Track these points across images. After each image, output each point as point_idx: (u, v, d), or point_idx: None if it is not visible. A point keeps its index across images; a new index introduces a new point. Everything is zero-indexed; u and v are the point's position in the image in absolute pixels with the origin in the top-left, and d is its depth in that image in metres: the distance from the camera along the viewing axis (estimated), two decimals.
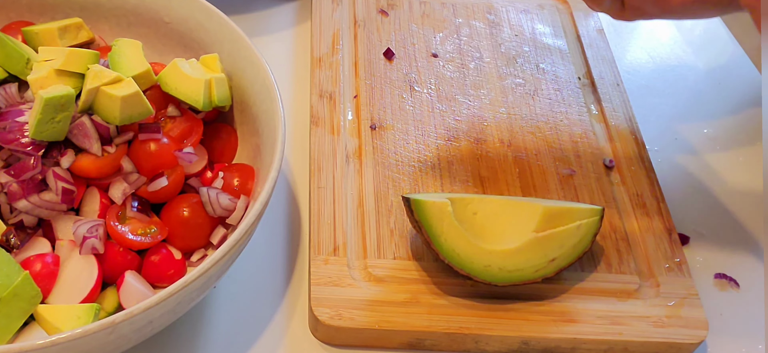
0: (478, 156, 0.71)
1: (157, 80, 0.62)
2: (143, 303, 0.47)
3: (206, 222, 0.59)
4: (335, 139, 0.70)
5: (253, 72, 0.63)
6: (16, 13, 0.68)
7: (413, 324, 0.58)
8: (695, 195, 0.75)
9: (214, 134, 0.65)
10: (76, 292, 0.53)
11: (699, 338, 0.59)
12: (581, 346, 0.59)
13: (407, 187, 0.67)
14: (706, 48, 0.94)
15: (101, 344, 0.47)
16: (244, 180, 0.61)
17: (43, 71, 0.57)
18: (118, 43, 0.62)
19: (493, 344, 0.59)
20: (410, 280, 0.60)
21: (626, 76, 0.85)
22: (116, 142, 0.58)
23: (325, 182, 0.66)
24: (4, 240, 0.54)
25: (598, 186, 0.70)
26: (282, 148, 0.57)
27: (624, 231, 0.67)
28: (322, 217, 0.63)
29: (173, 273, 0.57)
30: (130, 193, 0.58)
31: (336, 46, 0.79)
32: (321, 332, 0.58)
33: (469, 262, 0.58)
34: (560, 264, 0.59)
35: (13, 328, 0.51)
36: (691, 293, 0.62)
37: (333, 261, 0.60)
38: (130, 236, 0.56)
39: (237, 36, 0.64)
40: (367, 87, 0.76)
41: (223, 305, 0.60)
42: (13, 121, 0.56)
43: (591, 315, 0.60)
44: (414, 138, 0.72)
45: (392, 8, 0.86)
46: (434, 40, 0.83)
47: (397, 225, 0.64)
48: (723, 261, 0.69)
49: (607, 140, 0.75)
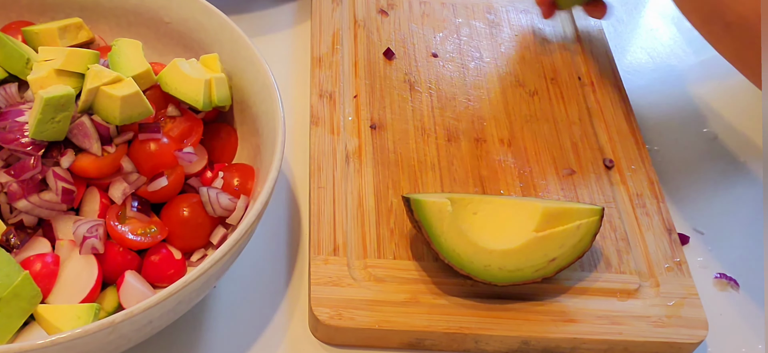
0: (478, 156, 0.71)
1: (157, 80, 0.62)
2: (143, 303, 0.47)
3: (206, 222, 0.59)
4: (335, 139, 0.70)
5: (253, 72, 0.63)
6: (16, 13, 0.68)
7: (413, 324, 0.58)
8: (695, 195, 0.75)
9: (214, 134, 0.65)
10: (76, 292, 0.53)
11: (699, 338, 0.59)
12: (581, 346, 0.59)
13: (407, 187, 0.67)
14: (706, 48, 0.94)
15: (101, 344, 0.47)
16: (244, 180, 0.61)
17: (43, 71, 0.57)
18: (118, 43, 0.62)
19: (493, 344, 0.59)
20: (410, 280, 0.60)
21: (626, 76, 0.85)
22: (116, 142, 0.58)
23: (325, 182, 0.66)
24: (4, 240, 0.54)
25: (598, 186, 0.70)
26: (282, 148, 0.57)
27: (624, 231, 0.67)
28: (322, 217, 0.63)
29: (173, 273, 0.57)
30: (130, 193, 0.58)
31: (336, 46, 0.79)
32: (321, 332, 0.58)
33: (469, 262, 0.58)
34: (560, 264, 0.59)
35: (13, 328, 0.51)
36: (691, 293, 0.62)
37: (333, 261, 0.60)
38: (130, 236, 0.56)
39: (237, 36, 0.64)
40: (367, 87, 0.76)
41: (223, 305, 0.60)
42: (13, 121, 0.56)
43: (591, 314, 0.60)
44: (414, 138, 0.72)
45: (392, 8, 0.86)
46: (434, 40, 0.83)
47: (397, 225, 0.64)
48: (723, 261, 0.69)
49: (607, 140, 0.75)
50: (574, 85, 0.80)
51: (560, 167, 0.71)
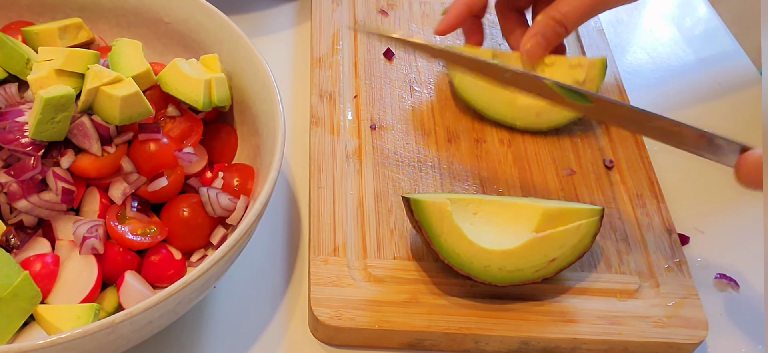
0: (478, 156, 0.71)
1: (157, 80, 0.62)
2: (143, 303, 0.47)
3: (206, 222, 0.59)
4: (335, 139, 0.70)
5: (253, 72, 0.63)
6: (16, 13, 0.68)
7: (413, 324, 0.58)
8: (695, 195, 0.75)
9: (214, 134, 0.65)
10: (76, 292, 0.53)
11: (699, 338, 0.59)
12: (581, 346, 0.59)
13: (407, 187, 0.67)
14: (706, 48, 0.94)
15: (101, 344, 0.47)
16: (244, 181, 0.61)
17: (43, 71, 0.57)
18: (118, 43, 0.62)
19: (493, 344, 0.59)
20: (410, 280, 0.60)
21: (626, 76, 0.85)
22: (116, 142, 0.58)
23: (324, 182, 0.66)
24: (4, 240, 0.54)
25: (598, 186, 0.70)
26: (282, 148, 0.57)
27: (624, 231, 0.67)
28: (322, 217, 0.63)
29: (173, 273, 0.57)
30: (130, 193, 0.58)
31: (336, 46, 0.79)
32: (321, 332, 0.58)
33: (468, 262, 0.58)
34: (560, 265, 0.59)
35: (13, 328, 0.51)
36: (691, 293, 0.62)
37: (333, 261, 0.60)
38: (130, 236, 0.56)
39: (237, 36, 0.64)
40: (367, 87, 0.76)
41: (223, 305, 0.60)
42: (13, 121, 0.56)
43: (591, 315, 0.60)
44: (414, 138, 0.72)
45: (392, 8, 0.86)
46: (434, 40, 0.83)
47: (397, 226, 0.64)
48: (723, 261, 0.69)
49: (607, 140, 0.74)
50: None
51: (560, 167, 0.71)
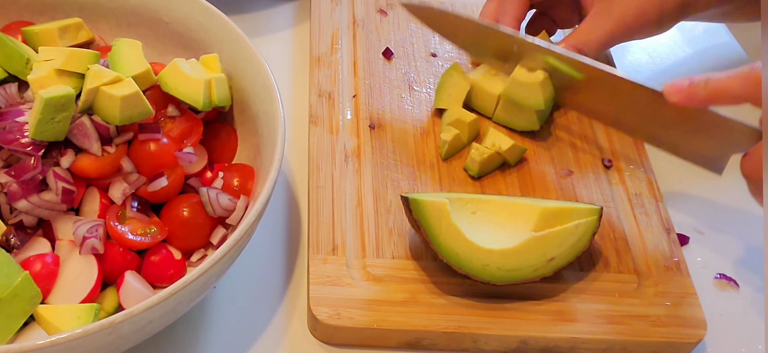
0: None
1: (157, 80, 0.62)
2: (143, 303, 0.47)
3: (206, 222, 0.59)
4: (334, 139, 0.70)
5: (253, 72, 0.63)
6: (16, 13, 0.68)
7: (412, 323, 0.58)
8: (695, 195, 0.75)
9: (214, 134, 0.65)
10: (76, 292, 0.54)
11: (697, 337, 0.59)
12: (579, 346, 0.59)
13: (406, 187, 0.67)
14: (706, 48, 0.94)
15: (101, 344, 0.47)
16: (244, 181, 0.61)
17: (43, 71, 0.57)
18: (118, 43, 0.62)
19: (492, 343, 0.59)
20: (409, 280, 0.60)
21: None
22: (116, 142, 0.58)
23: (324, 182, 0.66)
24: (4, 240, 0.54)
25: (597, 185, 0.70)
26: (282, 148, 0.57)
27: (622, 230, 0.67)
28: (321, 217, 0.63)
29: (173, 273, 0.57)
30: (130, 193, 0.58)
31: (335, 46, 0.79)
32: (320, 331, 0.58)
33: (467, 262, 0.58)
34: (558, 264, 0.59)
35: (13, 328, 0.51)
36: (690, 292, 0.62)
37: (332, 260, 0.60)
38: (130, 236, 0.56)
39: (237, 36, 0.64)
40: (366, 86, 0.76)
41: (223, 305, 0.60)
42: (13, 121, 0.56)
43: (589, 314, 0.60)
44: (413, 137, 0.72)
45: (391, 8, 0.86)
46: (433, 39, 0.83)
47: (395, 225, 0.64)
48: (723, 261, 0.69)
49: (606, 140, 0.75)
50: None
51: (559, 167, 0.71)
